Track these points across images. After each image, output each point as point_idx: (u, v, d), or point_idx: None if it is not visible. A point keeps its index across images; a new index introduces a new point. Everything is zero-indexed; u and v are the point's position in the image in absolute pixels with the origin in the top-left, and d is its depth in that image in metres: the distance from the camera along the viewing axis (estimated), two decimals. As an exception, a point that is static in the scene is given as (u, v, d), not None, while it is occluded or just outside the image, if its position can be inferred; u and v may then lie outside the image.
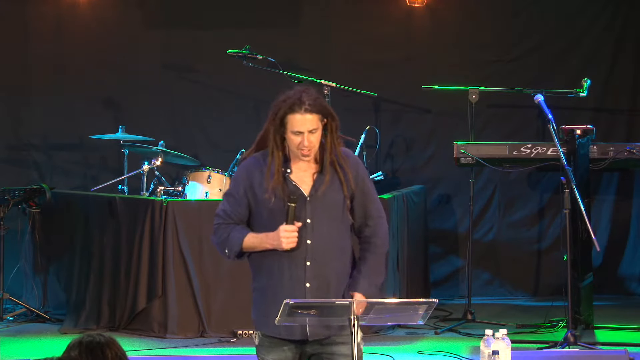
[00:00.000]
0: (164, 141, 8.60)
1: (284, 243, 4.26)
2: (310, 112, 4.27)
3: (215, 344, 7.37)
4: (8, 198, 8.10)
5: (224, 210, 4.40)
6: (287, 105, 4.29)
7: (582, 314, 7.72)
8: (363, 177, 4.43)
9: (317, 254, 4.31)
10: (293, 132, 4.29)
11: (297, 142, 4.29)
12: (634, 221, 9.55)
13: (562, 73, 9.42)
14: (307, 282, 4.30)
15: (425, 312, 4.08)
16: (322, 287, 4.29)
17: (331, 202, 4.33)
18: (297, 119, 4.27)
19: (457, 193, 9.53)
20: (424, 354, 7.12)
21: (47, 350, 7.15)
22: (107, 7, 9.54)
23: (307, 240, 4.30)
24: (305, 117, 4.27)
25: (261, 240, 4.31)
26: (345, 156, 4.40)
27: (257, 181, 4.35)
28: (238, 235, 4.35)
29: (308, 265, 4.30)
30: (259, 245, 4.33)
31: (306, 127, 4.27)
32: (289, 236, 4.25)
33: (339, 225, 4.36)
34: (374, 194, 4.49)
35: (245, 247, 4.34)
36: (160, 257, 7.58)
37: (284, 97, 4.33)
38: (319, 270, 4.31)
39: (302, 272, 4.30)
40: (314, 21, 9.64)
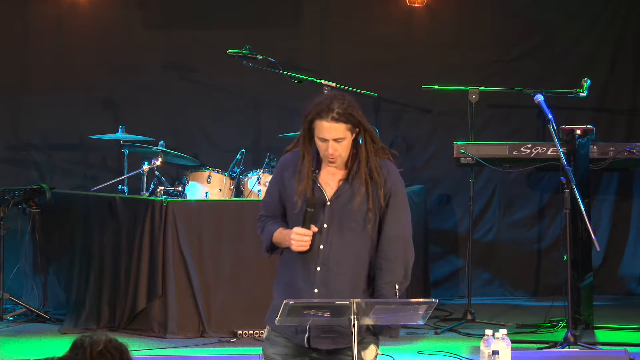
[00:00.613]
0: (164, 141, 8.60)
1: (293, 245, 4.26)
2: (337, 120, 4.22)
3: (215, 344, 7.37)
4: (8, 198, 8.10)
5: (265, 203, 4.51)
6: (315, 111, 4.26)
7: (582, 314, 7.73)
8: (392, 192, 4.32)
9: (328, 260, 4.27)
10: (319, 138, 4.27)
11: (323, 148, 4.27)
12: (634, 221, 9.56)
13: (562, 73, 9.42)
14: (315, 288, 4.27)
15: (425, 312, 4.08)
16: (331, 295, 4.23)
17: (352, 211, 4.28)
18: (323, 126, 4.24)
19: (457, 193, 9.53)
20: (424, 354, 7.12)
21: (47, 350, 7.15)
22: (107, 7, 9.54)
23: (320, 245, 4.27)
24: (331, 125, 4.22)
25: (284, 237, 4.33)
26: (383, 169, 4.32)
27: (287, 179, 4.37)
28: (270, 229, 4.40)
29: (318, 270, 4.28)
30: (282, 242, 4.35)
31: (331, 135, 4.23)
32: (299, 239, 4.24)
33: (359, 236, 4.30)
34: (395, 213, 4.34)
35: (274, 241, 4.38)
36: (160, 257, 7.58)
37: (317, 101, 4.30)
38: (329, 278, 4.27)
39: (312, 277, 4.28)
40: (314, 21, 9.64)
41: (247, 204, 7.81)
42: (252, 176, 8.26)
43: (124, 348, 3.29)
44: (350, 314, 4.01)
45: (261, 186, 8.16)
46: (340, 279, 4.28)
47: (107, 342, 3.27)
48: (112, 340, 3.29)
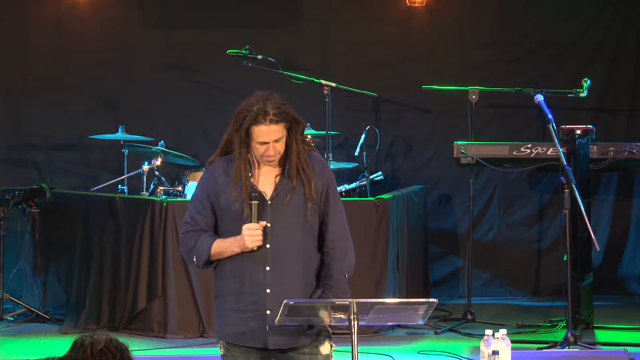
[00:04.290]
0: (164, 141, 8.60)
1: (247, 241, 4.16)
2: (276, 122, 4.18)
3: (215, 344, 7.32)
4: (8, 198, 8.10)
5: (192, 217, 4.32)
6: (251, 117, 4.19)
7: (582, 314, 7.73)
8: (328, 183, 4.31)
9: (277, 258, 4.22)
10: (259, 142, 4.20)
11: (262, 150, 4.21)
12: (634, 221, 9.55)
13: (562, 73, 9.42)
14: (267, 288, 4.21)
15: (425, 312, 4.07)
16: (286, 293, 4.15)
17: (293, 206, 4.23)
18: (262, 130, 4.18)
19: (457, 193, 9.53)
20: (424, 354, 7.12)
21: (47, 350, 7.15)
22: (107, 7, 9.54)
23: (266, 244, 4.21)
24: (270, 128, 4.18)
25: (229, 244, 4.22)
26: (311, 160, 4.30)
27: (220, 185, 4.27)
28: (206, 242, 4.25)
29: (267, 270, 4.21)
30: (227, 250, 4.23)
31: (271, 137, 4.18)
32: (252, 234, 4.16)
33: (303, 230, 4.26)
34: (335, 203, 4.34)
35: (213, 253, 4.24)
36: (160, 257, 7.58)
37: (247, 106, 4.24)
38: (280, 276, 4.22)
39: (262, 277, 4.21)
40: (314, 21, 9.64)
41: (247, 204, 7.79)
42: (252, 176, 8.25)
43: (124, 347, 3.30)
44: (350, 314, 4.00)
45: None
46: (291, 275, 4.24)
47: (108, 341, 3.27)
48: (112, 339, 3.29)
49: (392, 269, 7.77)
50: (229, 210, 4.24)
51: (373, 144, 9.07)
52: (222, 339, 4.35)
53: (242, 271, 4.24)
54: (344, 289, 4.31)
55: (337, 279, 4.31)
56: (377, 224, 7.68)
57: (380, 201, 7.74)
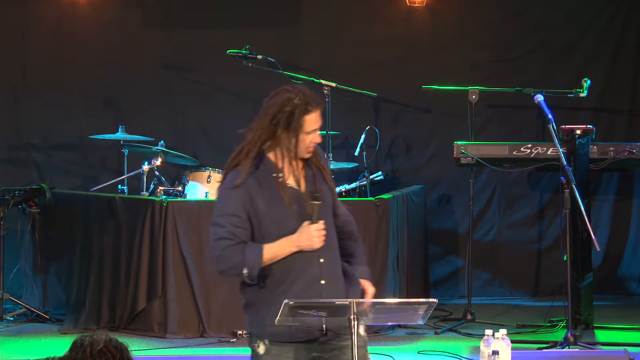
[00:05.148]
0: (164, 141, 8.60)
1: (316, 242, 4.17)
2: (321, 108, 4.28)
3: (215, 344, 7.37)
4: (8, 198, 8.10)
5: (229, 231, 4.19)
6: (301, 108, 4.22)
7: (582, 314, 7.73)
8: (329, 164, 4.51)
9: (326, 252, 4.25)
10: (309, 131, 4.24)
11: (309, 140, 4.26)
12: (634, 221, 9.55)
13: (562, 73, 9.42)
14: (321, 280, 4.23)
15: (425, 312, 4.07)
16: (334, 282, 4.24)
17: (327, 199, 4.31)
18: (312, 119, 4.24)
19: (457, 193, 9.53)
20: (424, 354, 7.12)
21: (47, 350, 7.15)
22: (107, 7, 9.54)
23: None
24: (318, 114, 4.26)
25: (283, 246, 4.18)
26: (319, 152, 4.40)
27: (255, 191, 4.23)
28: (255, 251, 4.17)
29: (322, 262, 4.24)
30: (281, 253, 4.18)
31: (320, 122, 4.28)
32: (320, 234, 4.18)
33: (331, 219, 4.34)
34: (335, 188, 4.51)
35: (266, 260, 4.17)
36: (160, 257, 7.58)
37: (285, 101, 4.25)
38: (331, 268, 4.27)
39: (317, 270, 4.23)
40: (314, 21, 9.64)
41: (247, 204, 7.79)
42: (252, 176, 8.25)
43: (124, 347, 3.29)
44: (350, 314, 4.00)
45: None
46: (336, 264, 4.31)
47: (107, 341, 3.27)
48: (112, 339, 3.29)
49: (392, 269, 7.77)
50: (268, 216, 4.20)
51: (373, 144, 9.08)
52: (266, 338, 4.27)
53: (295, 269, 4.22)
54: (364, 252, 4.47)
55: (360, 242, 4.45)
56: (377, 224, 7.68)
57: (380, 201, 7.74)
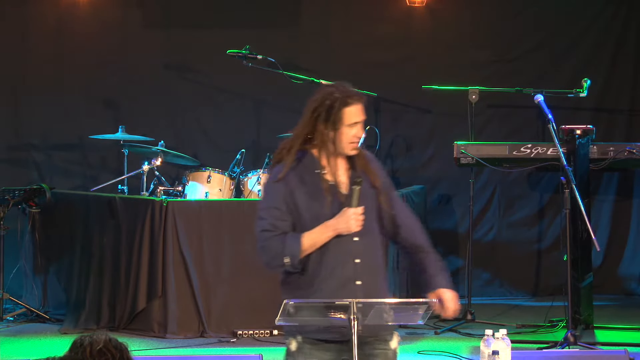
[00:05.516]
0: (164, 141, 8.60)
1: (353, 225, 4.17)
2: (362, 101, 4.30)
3: (215, 344, 7.37)
4: (8, 198, 8.10)
5: (271, 223, 4.22)
6: (340, 100, 4.25)
7: (582, 314, 7.73)
8: (383, 177, 4.39)
9: (364, 252, 4.24)
10: (351, 124, 4.25)
11: (352, 133, 4.26)
12: (634, 221, 9.55)
13: (562, 73, 9.42)
14: (357, 280, 4.22)
15: (425, 312, 4.07)
16: (373, 285, 4.23)
17: (368, 200, 4.28)
18: (352, 111, 4.26)
19: (457, 193, 9.53)
20: (424, 354, 7.12)
21: (47, 350, 7.15)
22: (107, 7, 9.55)
23: (354, 238, 4.22)
24: (359, 107, 4.28)
25: (321, 232, 4.19)
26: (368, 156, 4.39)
27: (296, 183, 4.25)
28: (294, 239, 4.19)
29: (357, 262, 4.23)
30: (319, 239, 4.19)
31: (361, 116, 4.28)
32: (358, 218, 4.18)
33: (375, 222, 4.31)
34: (395, 192, 4.45)
35: (305, 248, 4.18)
36: (160, 257, 7.58)
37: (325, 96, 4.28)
38: (369, 269, 4.25)
39: (351, 271, 4.21)
40: (314, 21, 9.64)
41: (247, 204, 7.81)
42: (252, 176, 8.26)
43: (123, 347, 3.29)
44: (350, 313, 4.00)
45: (261, 186, 8.16)
46: (376, 269, 4.29)
47: (107, 341, 3.27)
48: (112, 339, 3.29)
49: (392, 269, 7.77)
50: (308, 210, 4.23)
51: (373, 144, 9.07)
52: (297, 335, 4.26)
53: (328, 264, 4.22)
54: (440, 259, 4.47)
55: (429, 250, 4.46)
56: (377, 224, 7.67)
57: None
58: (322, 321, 4.15)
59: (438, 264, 4.43)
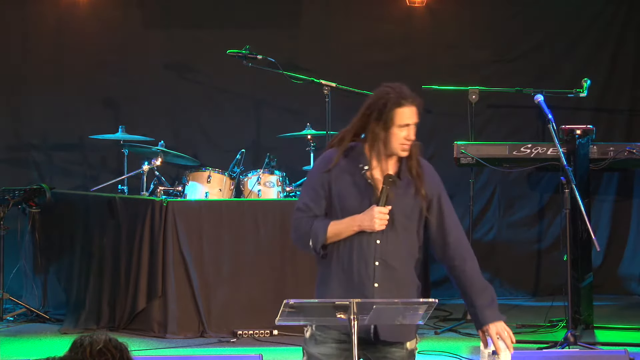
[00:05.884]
0: (164, 141, 8.60)
1: (377, 224, 4.19)
2: (416, 105, 4.29)
3: (215, 344, 7.37)
4: (8, 198, 8.10)
5: (305, 203, 4.32)
6: (394, 101, 4.26)
7: (582, 314, 7.73)
8: (439, 190, 4.36)
9: (386, 255, 4.24)
10: (400, 125, 4.25)
11: (403, 135, 4.25)
12: (634, 221, 9.56)
13: (562, 73, 9.42)
14: (375, 283, 4.24)
15: (425, 312, 4.07)
16: (392, 289, 4.22)
17: (404, 208, 4.27)
18: (405, 113, 4.26)
19: (457, 193, 9.49)
20: (424, 354, 7.11)
21: (47, 350, 7.15)
22: (107, 7, 9.55)
23: (377, 240, 4.24)
24: (412, 110, 4.27)
25: (347, 224, 4.23)
26: (425, 168, 4.37)
27: (336, 173, 4.30)
28: (322, 224, 4.25)
29: (377, 265, 4.24)
30: (345, 231, 4.23)
31: (413, 119, 4.27)
32: (382, 217, 4.19)
33: (409, 233, 4.29)
34: (450, 210, 4.38)
35: (330, 235, 4.24)
36: (160, 257, 7.58)
37: (381, 95, 4.30)
38: (387, 273, 4.24)
39: (371, 272, 4.24)
40: (314, 21, 9.64)
41: (247, 204, 7.81)
42: (252, 176, 8.26)
43: (123, 347, 3.29)
44: (350, 313, 3.99)
45: (261, 186, 8.16)
46: (397, 274, 4.27)
47: (107, 341, 3.27)
48: (111, 339, 3.29)
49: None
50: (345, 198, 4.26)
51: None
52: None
53: (351, 260, 4.25)
54: (484, 283, 4.34)
55: (475, 277, 4.33)
56: (377, 224, 7.67)
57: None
58: (322, 321, 4.16)
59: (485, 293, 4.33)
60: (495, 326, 4.28)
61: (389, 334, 4.22)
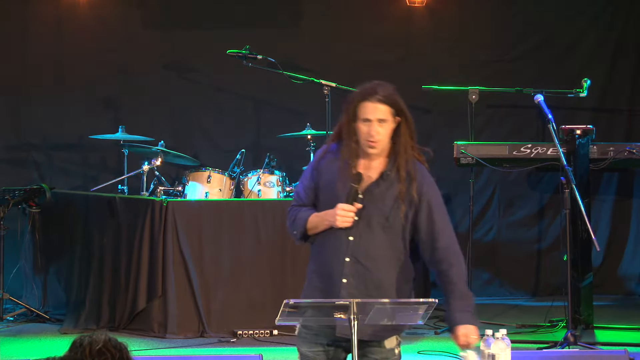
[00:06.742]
0: (164, 141, 8.60)
1: (338, 220, 4.22)
2: (382, 102, 4.31)
3: (215, 344, 7.37)
4: (8, 198, 8.10)
5: (298, 192, 4.45)
6: (360, 95, 4.33)
7: (582, 314, 7.73)
8: (429, 194, 4.35)
9: (357, 252, 4.25)
10: (363, 119, 4.29)
11: (365, 131, 4.27)
12: (634, 221, 9.56)
13: (562, 73, 9.42)
14: (343, 278, 4.25)
15: (425, 312, 4.07)
16: (361, 287, 4.23)
17: (383, 207, 4.27)
18: (367, 107, 4.30)
19: (457, 193, 9.53)
20: (424, 354, 7.12)
21: (47, 350, 7.15)
22: (107, 7, 9.55)
23: (349, 236, 4.25)
24: (375, 106, 4.30)
25: (321, 218, 4.30)
26: (417, 171, 4.34)
27: (324, 166, 4.36)
28: (304, 215, 4.34)
29: (347, 261, 4.25)
30: (320, 224, 4.30)
31: (375, 115, 4.28)
32: (344, 214, 4.21)
33: (387, 233, 4.28)
34: (441, 214, 4.38)
35: (309, 227, 4.32)
36: (160, 257, 7.58)
37: (360, 88, 4.40)
38: (358, 270, 4.26)
39: (341, 267, 4.26)
40: (314, 21, 9.64)
41: (247, 204, 7.81)
42: (252, 176, 8.26)
43: (123, 347, 3.29)
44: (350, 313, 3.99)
45: (261, 186, 8.16)
46: (370, 273, 4.27)
47: (107, 340, 3.27)
48: (111, 339, 3.29)
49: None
50: (327, 192, 4.32)
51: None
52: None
53: (326, 254, 4.31)
54: (466, 291, 4.36)
55: (457, 283, 4.34)
56: (377, 224, 7.67)
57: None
58: (322, 320, 4.16)
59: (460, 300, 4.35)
60: (465, 328, 4.30)
61: (363, 333, 4.17)
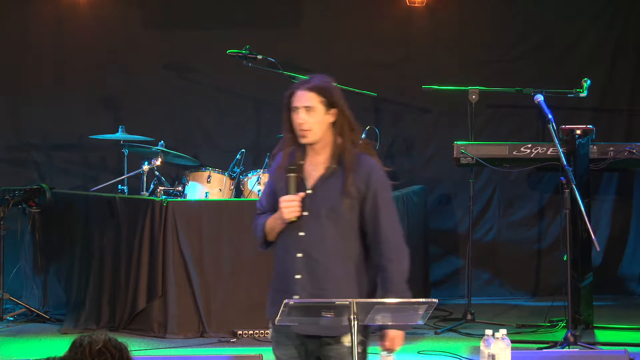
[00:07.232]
0: (164, 141, 8.61)
1: (284, 213, 4.25)
2: (310, 90, 4.31)
3: (215, 344, 7.37)
4: (8, 198, 8.10)
5: (260, 200, 4.50)
6: (294, 86, 4.36)
7: (582, 314, 7.73)
8: (377, 185, 4.30)
9: (308, 247, 4.27)
10: (293, 108, 4.32)
11: (296, 120, 4.31)
12: (634, 221, 9.55)
13: (562, 73, 9.42)
14: (296, 274, 4.28)
15: (425, 312, 4.07)
16: (314, 281, 4.25)
17: (331, 200, 4.28)
18: (296, 95, 4.32)
19: (457, 193, 9.53)
20: (424, 354, 7.12)
21: (47, 350, 7.15)
22: (107, 7, 9.55)
23: (299, 232, 4.28)
24: (302, 93, 4.31)
25: (274, 218, 4.33)
26: (363, 164, 4.31)
27: (277, 173, 4.40)
28: (262, 221, 4.39)
29: (299, 257, 4.28)
30: (275, 224, 4.33)
31: (301, 102, 4.29)
32: (288, 205, 4.24)
33: (337, 226, 4.28)
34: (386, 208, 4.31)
35: (267, 231, 4.36)
36: (160, 257, 7.58)
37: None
38: (310, 265, 4.27)
39: (292, 264, 4.29)
40: (314, 21, 9.64)
41: (247, 204, 7.81)
42: (252, 176, 8.26)
43: (123, 347, 3.29)
44: (350, 313, 3.99)
45: (261, 186, 8.16)
46: (322, 267, 4.27)
47: (106, 340, 3.27)
48: (111, 339, 3.29)
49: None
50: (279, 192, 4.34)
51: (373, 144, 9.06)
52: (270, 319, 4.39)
53: (281, 253, 4.36)
54: (402, 289, 4.31)
55: (393, 279, 4.31)
56: (377, 224, 7.67)
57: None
58: (321, 320, 4.16)
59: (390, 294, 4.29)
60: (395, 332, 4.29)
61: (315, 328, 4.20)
